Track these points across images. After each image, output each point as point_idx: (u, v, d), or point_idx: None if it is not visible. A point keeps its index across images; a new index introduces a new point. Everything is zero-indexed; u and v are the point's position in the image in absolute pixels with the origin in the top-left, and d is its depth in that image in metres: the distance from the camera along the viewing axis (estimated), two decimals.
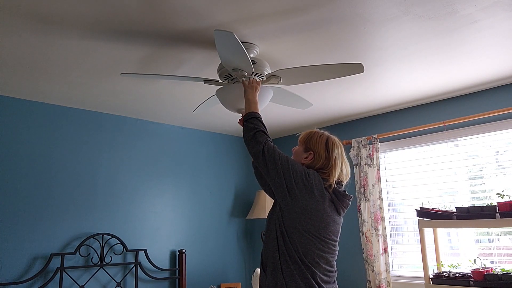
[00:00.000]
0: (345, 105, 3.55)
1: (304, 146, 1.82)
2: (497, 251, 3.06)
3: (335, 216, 1.74)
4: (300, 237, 1.64)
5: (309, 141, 1.80)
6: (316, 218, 1.66)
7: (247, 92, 2.01)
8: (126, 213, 3.56)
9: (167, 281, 3.70)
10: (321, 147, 1.76)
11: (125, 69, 2.64)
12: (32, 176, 3.10)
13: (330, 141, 1.79)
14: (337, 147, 1.78)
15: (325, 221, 1.68)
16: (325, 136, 1.81)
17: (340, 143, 1.82)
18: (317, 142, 1.78)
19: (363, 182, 3.65)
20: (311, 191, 1.66)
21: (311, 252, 1.64)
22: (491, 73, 2.90)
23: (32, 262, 3.00)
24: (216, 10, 1.96)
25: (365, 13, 2.04)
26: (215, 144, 4.38)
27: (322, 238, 1.67)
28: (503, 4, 1.98)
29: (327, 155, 1.75)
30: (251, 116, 1.84)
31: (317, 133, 1.82)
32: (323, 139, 1.79)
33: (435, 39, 2.34)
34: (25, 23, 2.03)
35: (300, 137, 1.86)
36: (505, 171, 3.08)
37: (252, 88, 2.03)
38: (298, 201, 1.66)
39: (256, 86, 2.05)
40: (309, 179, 1.67)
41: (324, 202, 1.69)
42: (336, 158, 1.76)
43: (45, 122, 3.23)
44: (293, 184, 1.66)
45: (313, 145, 1.78)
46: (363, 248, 3.57)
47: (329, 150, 1.76)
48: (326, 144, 1.78)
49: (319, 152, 1.76)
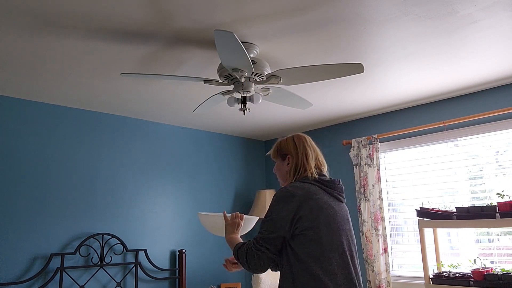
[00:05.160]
0: (345, 105, 3.55)
1: (280, 156, 1.89)
2: (497, 251, 3.06)
3: (336, 207, 1.73)
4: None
5: (281, 150, 1.88)
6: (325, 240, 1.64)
7: (227, 230, 1.94)
8: (126, 213, 3.56)
9: (167, 281, 3.70)
10: (291, 146, 1.85)
11: (125, 69, 2.64)
12: (32, 176, 3.10)
13: (296, 137, 1.88)
14: (303, 140, 1.87)
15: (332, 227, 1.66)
16: (289, 137, 1.90)
17: (306, 136, 1.90)
18: (287, 145, 1.87)
19: (363, 182, 3.65)
20: (314, 222, 1.64)
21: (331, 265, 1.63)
22: (491, 73, 2.90)
23: (32, 262, 3.00)
24: (216, 10, 1.96)
25: (365, 13, 2.04)
26: (215, 144, 4.38)
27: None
28: (503, 4, 1.98)
29: (298, 150, 1.83)
30: (235, 253, 1.78)
31: (282, 139, 1.91)
32: (289, 139, 1.88)
33: (435, 39, 2.34)
34: (25, 23, 2.03)
35: (272, 154, 1.93)
36: (505, 171, 3.07)
37: (233, 226, 1.94)
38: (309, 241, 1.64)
39: (238, 223, 1.95)
40: (298, 223, 1.65)
41: (322, 213, 1.66)
42: (305, 148, 1.84)
43: (45, 122, 3.23)
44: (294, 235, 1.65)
45: (286, 150, 1.86)
46: (363, 248, 3.57)
47: (297, 145, 1.85)
48: (293, 141, 1.86)
49: (291, 151, 1.84)
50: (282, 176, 1.88)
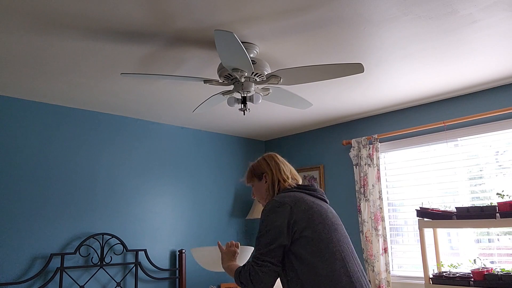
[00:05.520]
0: (345, 105, 3.55)
1: (256, 177, 1.93)
2: (497, 251, 3.06)
3: (324, 206, 1.76)
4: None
5: (255, 171, 1.93)
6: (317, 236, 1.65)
7: (224, 259, 1.91)
8: (126, 213, 3.56)
9: (167, 281, 3.70)
10: (264, 165, 1.91)
11: (125, 69, 2.64)
12: (32, 176, 3.10)
13: (266, 157, 1.95)
14: (273, 157, 1.94)
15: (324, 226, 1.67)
16: (260, 158, 1.97)
17: (274, 154, 1.98)
18: (259, 165, 1.93)
19: (363, 182, 3.65)
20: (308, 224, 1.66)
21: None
22: (491, 73, 2.90)
23: (32, 262, 3.00)
24: (216, 10, 1.96)
25: (365, 13, 2.04)
26: (215, 144, 4.38)
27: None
28: (503, 4, 1.98)
29: (271, 166, 1.90)
30: (237, 278, 1.75)
31: (253, 163, 1.97)
32: (260, 160, 1.94)
33: (435, 39, 2.34)
34: (25, 23, 2.03)
35: (247, 179, 1.97)
36: (505, 171, 3.07)
37: (229, 254, 1.91)
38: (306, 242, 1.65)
39: (234, 251, 1.92)
40: (294, 227, 1.65)
41: (312, 210, 1.68)
42: (277, 164, 1.90)
43: (44, 122, 3.23)
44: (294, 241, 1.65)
45: (260, 170, 1.91)
46: (363, 248, 3.57)
47: (269, 162, 1.91)
48: (265, 160, 1.93)
49: (266, 169, 1.89)
50: (262, 195, 1.91)
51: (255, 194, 1.96)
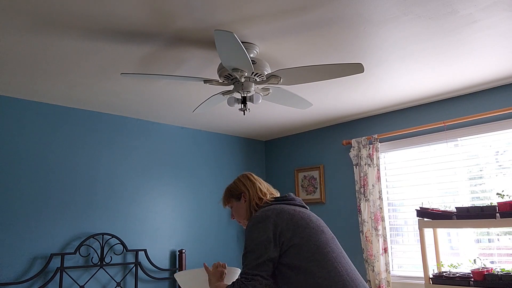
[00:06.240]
0: (345, 105, 3.55)
1: (233, 198, 1.93)
2: (497, 251, 3.06)
3: (306, 212, 1.77)
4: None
5: (232, 192, 1.94)
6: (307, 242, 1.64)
7: (211, 281, 1.85)
8: (126, 213, 3.56)
9: (167, 281, 3.70)
10: (241, 185, 1.92)
11: (125, 69, 2.64)
12: (32, 176, 3.10)
13: (240, 177, 1.96)
14: (247, 176, 1.96)
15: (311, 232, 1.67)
16: (235, 179, 1.97)
17: (248, 173, 1.99)
18: (236, 186, 1.93)
19: (363, 182, 3.65)
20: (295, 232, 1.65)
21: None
22: (491, 73, 2.90)
23: (32, 262, 3.00)
24: (216, 10, 1.96)
25: (365, 13, 2.04)
26: (215, 144, 4.38)
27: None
28: (503, 4, 1.98)
29: (247, 185, 1.91)
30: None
31: (228, 185, 1.98)
32: (236, 181, 1.95)
33: (435, 39, 2.34)
34: (24, 23, 2.03)
35: (225, 201, 1.98)
36: (505, 171, 3.07)
37: (216, 275, 1.83)
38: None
39: (221, 271, 1.85)
40: (281, 237, 1.64)
41: (295, 216, 1.69)
42: (252, 182, 1.91)
43: (45, 122, 3.23)
44: (285, 251, 1.63)
45: (237, 190, 1.92)
46: (363, 248, 3.57)
47: (244, 182, 1.92)
48: (240, 181, 1.94)
49: (243, 189, 1.90)
50: (243, 215, 1.90)
51: (235, 216, 1.96)
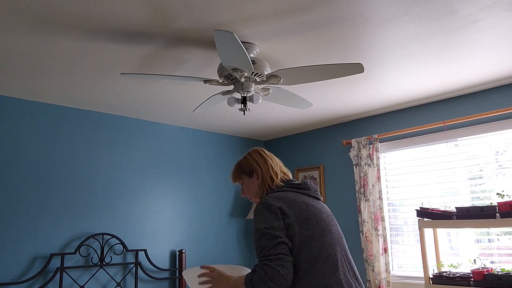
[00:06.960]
0: (345, 105, 3.55)
1: (246, 175, 1.87)
2: (497, 251, 3.06)
3: (318, 206, 1.72)
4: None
5: (244, 168, 1.87)
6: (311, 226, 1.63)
7: (222, 283, 1.69)
8: (126, 213, 3.56)
9: (167, 281, 3.70)
10: (253, 161, 1.85)
11: (125, 69, 2.64)
12: (32, 176, 3.10)
13: (252, 152, 1.89)
14: (259, 152, 1.88)
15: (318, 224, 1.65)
16: (246, 154, 1.90)
17: (260, 148, 1.91)
18: (247, 162, 1.87)
19: (363, 182, 3.65)
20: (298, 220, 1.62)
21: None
22: (491, 73, 2.90)
23: (32, 262, 3.00)
24: (216, 10, 1.96)
25: (365, 13, 2.04)
26: (215, 144, 4.38)
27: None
28: (503, 4, 1.98)
29: (259, 162, 1.84)
30: (250, 286, 1.54)
31: (239, 161, 1.91)
32: (247, 156, 1.89)
33: (435, 39, 2.34)
34: (25, 22, 2.03)
35: (235, 177, 1.91)
36: (505, 171, 3.07)
37: (219, 281, 1.69)
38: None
39: (219, 271, 1.73)
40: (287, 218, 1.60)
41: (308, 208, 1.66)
42: (264, 159, 1.85)
43: (45, 122, 3.23)
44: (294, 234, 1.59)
45: (249, 167, 1.85)
46: (363, 248, 3.57)
47: (256, 158, 1.85)
48: (252, 156, 1.87)
49: (255, 166, 1.84)
50: (253, 193, 1.85)
51: (246, 192, 1.89)
